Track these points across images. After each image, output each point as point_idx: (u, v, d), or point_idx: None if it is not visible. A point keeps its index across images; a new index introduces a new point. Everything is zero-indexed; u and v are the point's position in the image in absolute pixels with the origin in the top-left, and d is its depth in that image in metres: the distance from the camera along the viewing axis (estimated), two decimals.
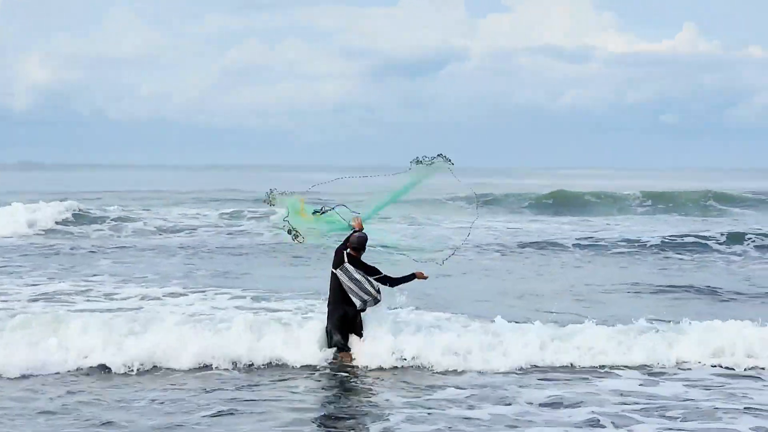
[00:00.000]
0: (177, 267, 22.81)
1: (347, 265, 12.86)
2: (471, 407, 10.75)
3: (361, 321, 12.96)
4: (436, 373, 12.33)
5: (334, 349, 12.87)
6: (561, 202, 49.69)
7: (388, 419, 10.24)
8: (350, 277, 12.83)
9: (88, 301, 17.20)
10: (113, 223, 32.97)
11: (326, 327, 13.01)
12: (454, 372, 12.39)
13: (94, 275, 20.86)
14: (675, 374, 12.39)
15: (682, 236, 29.15)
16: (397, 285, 13.11)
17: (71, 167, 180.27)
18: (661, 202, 49.73)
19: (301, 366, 12.45)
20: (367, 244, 13.02)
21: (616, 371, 12.46)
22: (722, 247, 27.65)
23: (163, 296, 17.90)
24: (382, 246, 13.63)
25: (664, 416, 10.52)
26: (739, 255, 26.62)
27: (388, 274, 13.00)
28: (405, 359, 12.57)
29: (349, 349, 12.84)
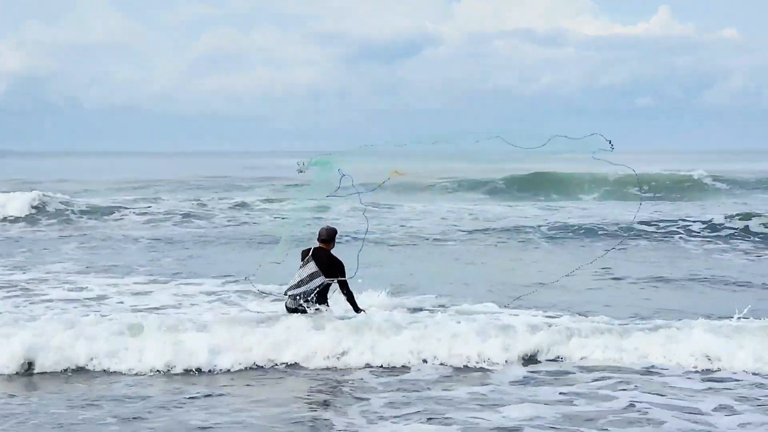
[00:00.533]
0: (143, 255, 22.54)
1: (311, 262, 12.96)
2: (447, 389, 10.81)
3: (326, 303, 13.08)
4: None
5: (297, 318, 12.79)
6: (531, 185, 49.79)
7: (369, 402, 10.28)
8: (301, 274, 12.91)
9: (53, 288, 17.04)
10: (82, 212, 32.38)
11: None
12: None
13: (59, 262, 20.75)
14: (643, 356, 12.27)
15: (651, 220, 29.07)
16: (346, 299, 13.16)
17: (44, 155, 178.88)
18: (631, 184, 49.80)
19: (281, 362, 11.94)
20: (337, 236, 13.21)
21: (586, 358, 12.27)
22: (689, 230, 27.42)
23: (132, 284, 17.72)
24: None
25: (635, 390, 10.59)
26: (701, 240, 26.08)
27: (351, 291, 13.09)
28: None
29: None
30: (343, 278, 13.07)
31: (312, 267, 12.96)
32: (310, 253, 13.10)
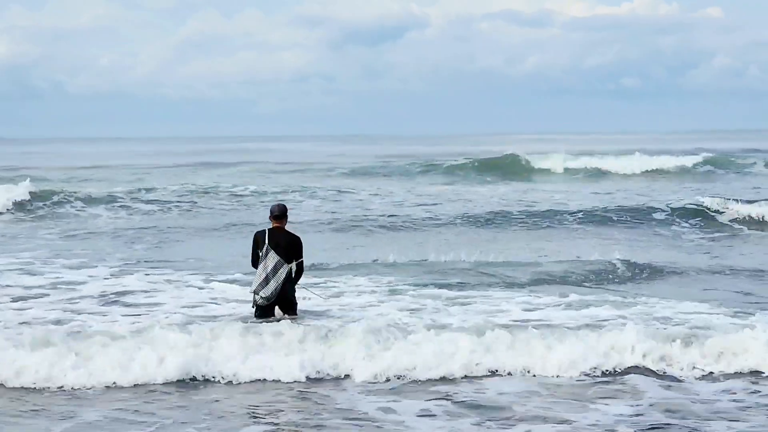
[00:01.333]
0: (116, 246, 22.25)
1: (271, 253, 12.51)
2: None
3: (293, 300, 12.80)
4: None
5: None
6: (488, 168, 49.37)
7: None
8: (265, 269, 12.50)
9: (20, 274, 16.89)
10: (66, 202, 31.14)
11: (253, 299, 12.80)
12: None
13: (30, 249, 20.63)
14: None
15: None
16: (295, 275, 12.81)
17: (30, 142, 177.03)
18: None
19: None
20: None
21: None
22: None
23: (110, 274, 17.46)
24: None
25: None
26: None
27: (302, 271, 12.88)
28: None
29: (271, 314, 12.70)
30: (301, 258, 12.74)
31: (273, 258, 12.52)
32: (266, 239, 12.60)
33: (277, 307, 12.72)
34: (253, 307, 12.73)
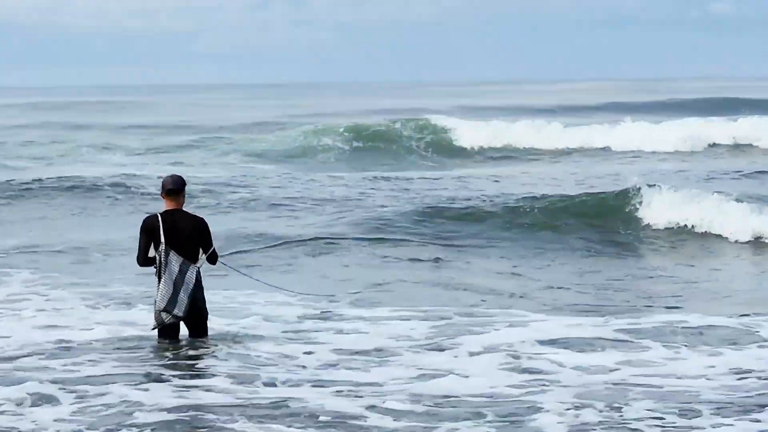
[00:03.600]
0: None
1: (171, 254, 10.37)
2: None
3: (204, 311, 10.68)
4: None
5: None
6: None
7: None
8: (171, 275, 10.38)
9: None
10: None
11: (155, 308, 10.63)
12: None
13: None
14: None
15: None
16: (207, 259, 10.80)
17: None
18: None
19: None
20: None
21: None
22: None
23: None
24: None
25: None
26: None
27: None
28: None
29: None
30: (212, 247, 10.59)
31: (176, 260, 10.40)
32: (161, 232, 10.34)
33: (182, 324, 10.71)
34: (154, 328, 10.71)
